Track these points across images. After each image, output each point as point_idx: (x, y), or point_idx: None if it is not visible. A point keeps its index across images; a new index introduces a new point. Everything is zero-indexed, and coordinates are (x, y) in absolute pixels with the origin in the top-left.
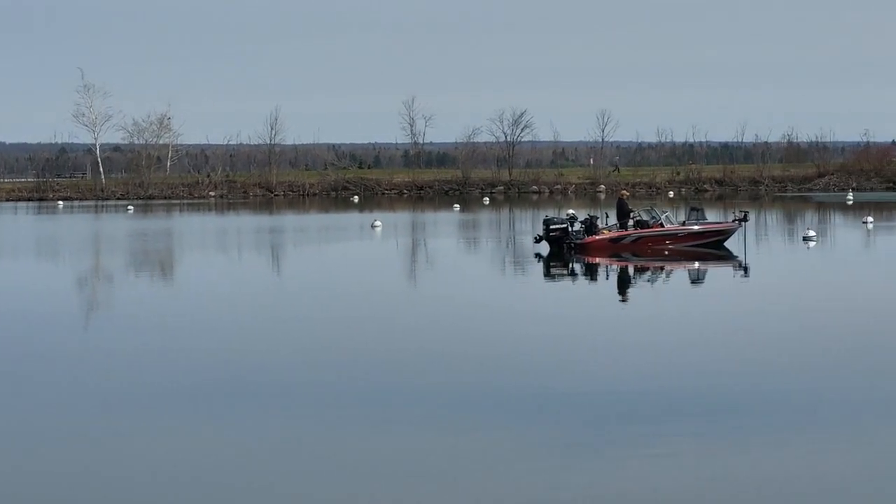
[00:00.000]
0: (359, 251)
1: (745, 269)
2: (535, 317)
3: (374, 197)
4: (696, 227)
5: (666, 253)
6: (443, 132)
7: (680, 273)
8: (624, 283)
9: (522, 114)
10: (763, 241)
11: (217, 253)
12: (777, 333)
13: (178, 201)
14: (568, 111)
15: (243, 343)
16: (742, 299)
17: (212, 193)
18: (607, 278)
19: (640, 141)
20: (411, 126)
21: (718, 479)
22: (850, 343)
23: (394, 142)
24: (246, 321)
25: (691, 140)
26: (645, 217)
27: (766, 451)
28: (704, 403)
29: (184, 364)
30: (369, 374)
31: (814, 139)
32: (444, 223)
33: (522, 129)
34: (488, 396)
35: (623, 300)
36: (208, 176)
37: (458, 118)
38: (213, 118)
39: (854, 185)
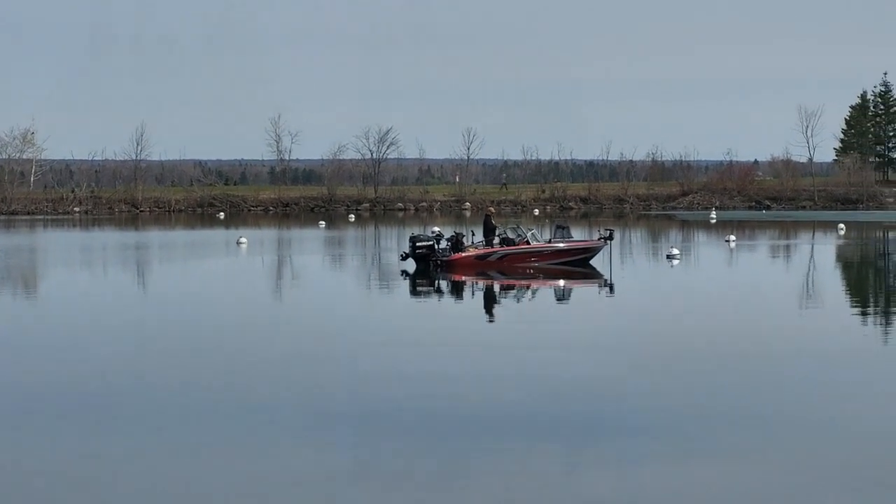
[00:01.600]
0: (224, 268)
1: (611, 287)
2: (401, 334)
3: (239, 213)
4: (561, 245)
5: (531, 271)
6: (309, 149)
7: (545, 291)
8: (490, 301)
9: (388, 131)
10: (628, 259)
11: (81, 269)
12: (641, 351)
13: (41, 217)
14: (433, 129)
15: (106, 360)
16: (607, 317)
17: (76, 209)
18: (473, 296)
19: (505, 159)
20: (277, 143)
21: (579, 498)
22: (712, 359)
23: (260, 158)
24: (109, 338)
25: (556, 158)
26: (511, 235)
27: (626, 469)
28: (566, 421)
29: (40, 381)
30: (220, 391)
31: (678, 158)
32: (309, 240)
33: (388, 147)
34: (339, 415)
35: (489, 318)
36: (73, 191)
37: (324, 135)
38: (77, 133)
39: (717, 203)
